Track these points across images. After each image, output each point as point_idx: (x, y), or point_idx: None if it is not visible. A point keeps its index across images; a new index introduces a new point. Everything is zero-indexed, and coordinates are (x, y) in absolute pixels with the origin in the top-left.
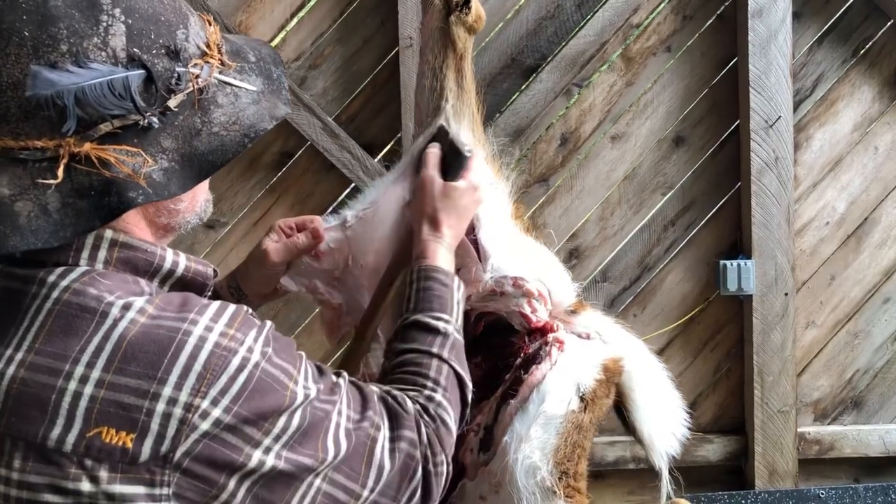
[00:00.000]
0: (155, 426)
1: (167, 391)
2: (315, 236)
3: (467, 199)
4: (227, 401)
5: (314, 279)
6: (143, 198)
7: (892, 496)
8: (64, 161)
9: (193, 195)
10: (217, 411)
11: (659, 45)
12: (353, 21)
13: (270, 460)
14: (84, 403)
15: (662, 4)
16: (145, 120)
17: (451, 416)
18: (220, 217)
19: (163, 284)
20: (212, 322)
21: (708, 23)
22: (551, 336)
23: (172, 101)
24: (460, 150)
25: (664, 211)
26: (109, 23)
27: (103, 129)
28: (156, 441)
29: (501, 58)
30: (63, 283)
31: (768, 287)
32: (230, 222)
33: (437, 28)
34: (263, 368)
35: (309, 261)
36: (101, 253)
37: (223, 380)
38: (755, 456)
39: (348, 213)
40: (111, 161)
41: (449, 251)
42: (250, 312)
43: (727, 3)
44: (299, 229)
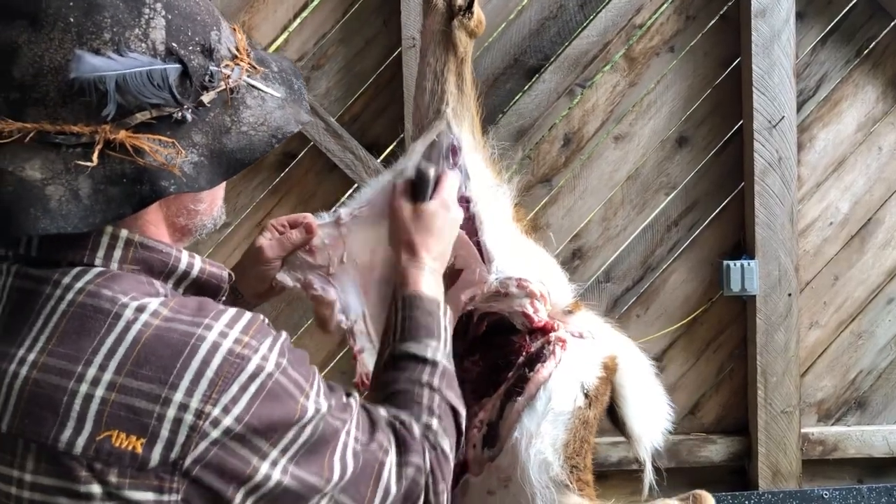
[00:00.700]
0: (165, 432)
1: (178, 396)
2: (308, 231)
3: (441, 220)
4: (238, 410)
5: (309, 275)
6: (174, 187)
7: None
8: (99, 147)
9: (213, 198)
10: (228, 420)
11: (662, 45)
12: (355, 22)
13: (277, 474)
14: (95, 406)
15: (665, 4)
16: (180, 113)
17: (448, 444)
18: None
19: (177, 286)
20: (227, 328)
21: (711, 23)
22: (553, 335)
23: (206, 97)
24: (424, 171)
25: (667, 211)
26: (151, 16)
27: (139, 117)
28: (165, 447)
29: (504, 58)
30: (78, 284)
31: (772, 287)
32: (233, 223)
33: (439, 31)
34: (276, 379)
35: (304, 256)
36: (117, 252)
37: (235, 388)
38: (759, 456)
39: (343, 211)
40: (145, 149)
41: (432, 275)
42: (267, 322)
43: (730, 3)
44: (292, 226)
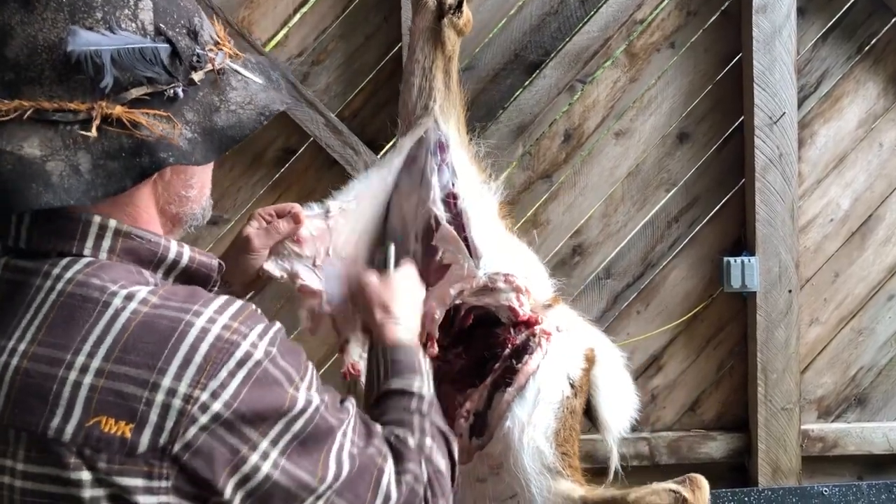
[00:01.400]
0: (154, 417)
1: (167, 381)
2: (296, 221)
3: (408, 283)
4: (227, 395)
5: (295, 265)
6: (173, 158)
7: None
8: (97, 122)
9: (202, 185)
10: (217, 405)
11: (663, 41)
12: (355, 17)
13: (266, 467)
14: (84, 393)
15: (666, 0)
16: (172, 90)
17: (443, 464)
18: (223, 213)
19: (167, 276)
20: (216, 314)
21: (712, 19)
22: (538, 328)
23: (196, 76)
24: (387, 247)
25: (668, 208)
26: None
27: (134, 93)
28: (154, 432)
29: (505, 54)
30: (67, 274)
31: (772, 284)
32: (233, 219)
33: (429, 29)
34: (265, 367)
35: (291, 246)
36: (105, 242)
37: (223, 373)
38: (759, 453)
39: (331, 204)
40: (142, 123)
41: (408, 330)
42: (258, 311)
43: None
44: (279, 216)
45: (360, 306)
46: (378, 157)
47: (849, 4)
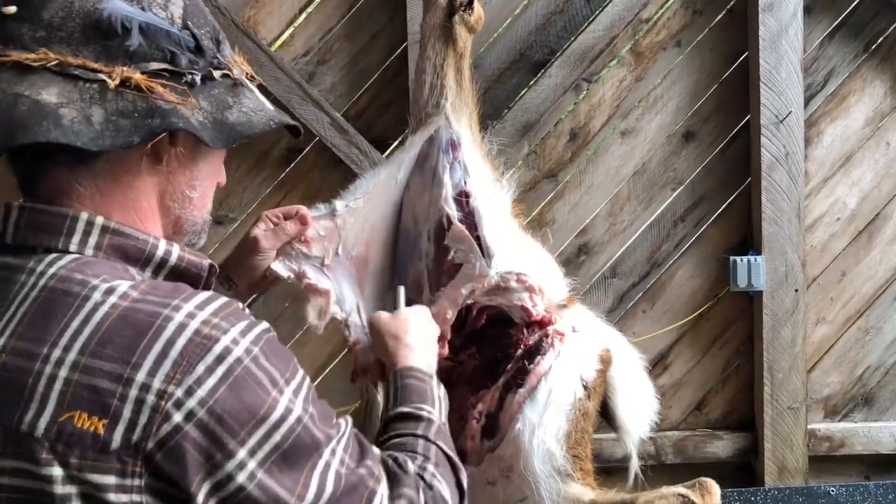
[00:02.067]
0: (127, 413)
1: (140, 376)
2: (303, 223)
3: (420, 319)
4: (202, 392)
5: (303, 266)
6: (183, 123)
7: None
8: (115, 82)
9: (204, 191)
10: (191, 402)
11: (669, 39)
12: (361, 16)
13: (242, 478)
14: (58, 386)
15: None
16: (191, 76)
17: (447, 491)
18: (229, 213)
19: (156, 274)
20: (196, 310)
21: (718, 17)
22: (551, 328)
23: (215, 73)
24: (397, 289)
25: (674, 207)
26: None
27: (155, 66)
28: (127, 428)
29: (510, 53)
30: (50, 270)
31: (778, 283)
32: (238, 218)
33: (440, 27)
34: (246, 366)
35: (299, 247)
36: (92, 239)
37: (200, 368)
38: (765, 453)
39: (338, 203)
40: (158, 90)
41: (420, 358)
42: (244, 308)
43: None
44: (286, 217)
45: (372, 344)
46: (384, 156)
47: (856, 3)
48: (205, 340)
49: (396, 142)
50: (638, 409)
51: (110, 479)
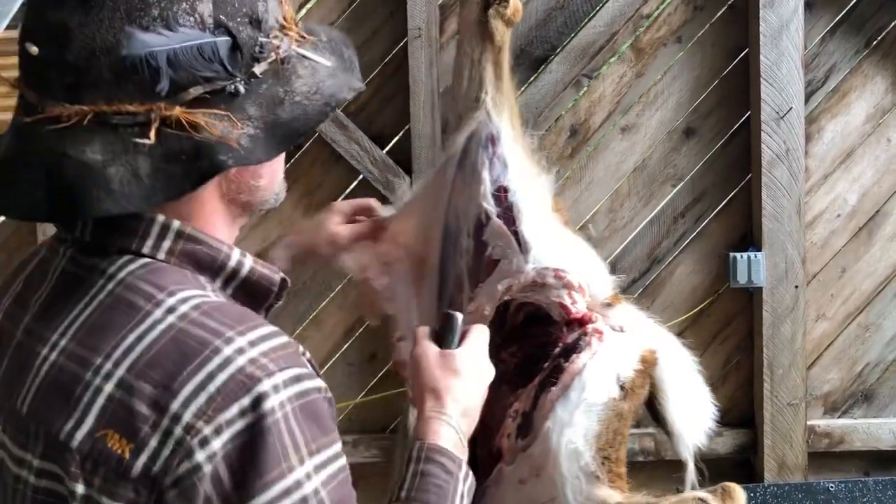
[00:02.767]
0: (153, 442)
1: (175, 406)
2: (377, 224)
3: (470, 367)
4: (227, 435)
5: (368, 262)
6: (233, 160)
7: None
8: (156, 125)
9: (273, 172)
10: (216, 444)
11: (669, 35)
12: (361, 12)
13: None
14: (101, 401)
15: None
16: (233, 85)
17: None
18: None
19: (226, 286)
20: (249, 346)
21: (719, 13)
22: (590, 327)
23: (258, 69)
24: (451, 315)
25: (674, 203)
26: None
27: (193, 93)
28: (150, 458)
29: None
30: (120, 274)
31: (778, 280)
32: None
33: (476, 21)
34: (275, 420)
35: (368, 244)
36: (166, 243)
37: (234, 409)
38: (765, 449)
39: (395, 206)
40: (201, 124)
41: (455, 433)
42: (302, 353)
43: None
44: (358, 213)
45: (411, 379)
46: (383, 152)
47: None
48: (246, 379)
49: (397, 137)
50: (689, 413)
51: None
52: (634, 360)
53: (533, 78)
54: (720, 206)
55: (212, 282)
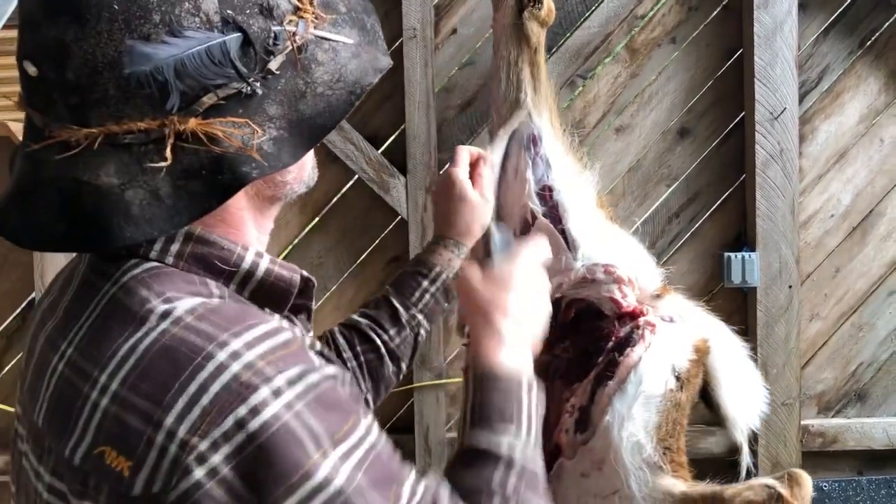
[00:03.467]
0: (151, 459)
1: (168, 421)
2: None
3: (524, 276)
4: (228, 449)
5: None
6: (257, 171)
7: (895, 489)
8: (171, 141)
9: (301, 164)
10: (216, 459)
11: (664, 36)
12: None
13: None
14: (98, 416)
15: None
16: (248, 87)
17: None
18: None
19: (242, 289)
20: (244, 349)
21: (713, 14)
22: (642, 319)
23: (273, 64)
24: (498, 227)
25: (668, 203)
26: None
27: (206, 101)
28: (150, 476)
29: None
30: (123, 279)
31: (772, 279)
32: None
33: (510, 25)
34: (284, 423)
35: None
36: (174, 246)
37: (229, 422)
38: (759, 448)
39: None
40: (219, 136)
41: (515, 352)
42: (306, 348)
43: None
44: (473, 163)
45: (461, 306)
46: (378, 151)
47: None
48: (241, 389)
49: (392, 137)
50: (743, 398)
51: None
52: (688, 350)
53: None
54: (714, 207)
55: (224, 286)
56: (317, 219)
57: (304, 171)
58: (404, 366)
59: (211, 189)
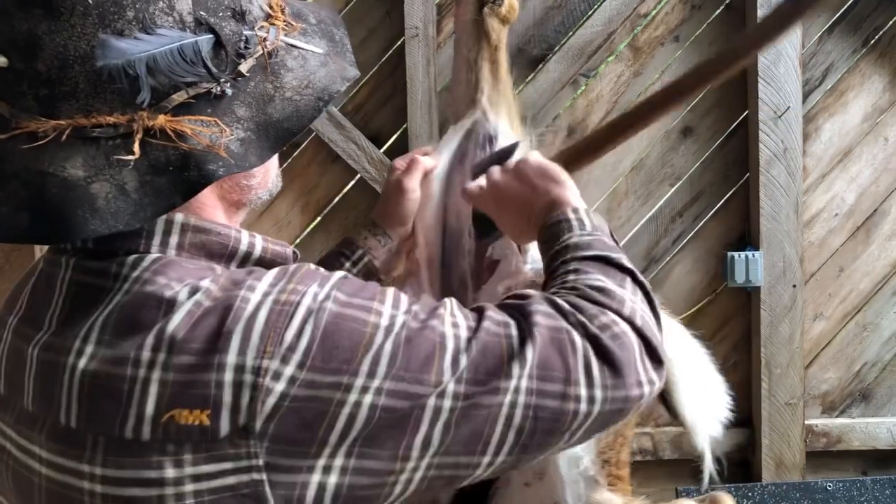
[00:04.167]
0: (227, 398)
1: (231, 359)
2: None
3: (545, 165)
4: (298, 355)
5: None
6: (223, 170)
7: None
8: (139, 136)
9: (266, 170)
10: (290, 369)
11: (667, 34)
12: (358, 11)
13: (368, 400)
14: (153, 389)
15: None
16: (218, 87)
17: (647, 310)
18: None
19: (241, 269)
20: (270, 287)
21: (716, 12)
22: None
23: (244, 66)
24: (512, 144)
25: (672, 202)
26: None
27: (176, 99)
28: (232, 413)
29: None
30: (134, 273)
31: (776, 279)
32: None
33: (471, 21)
34: (332, 311)
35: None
36: (173, 238)
37: (289, 336)
38: (762, 448)
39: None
40: (187, 133)
41: (568, 211)
42: (317, 268)
43: None
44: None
45: (488, 217)
46: (381, 151)
47: None
48: (286, 307)
49: (394, 136)
50: (703, 405)
51: (226, 466)
52: None
53: (530, 77)
54: (718, 206)
55: (226, 268)
56: (319, 218)
57: (269, 178)
58: None
59: (176, 185)
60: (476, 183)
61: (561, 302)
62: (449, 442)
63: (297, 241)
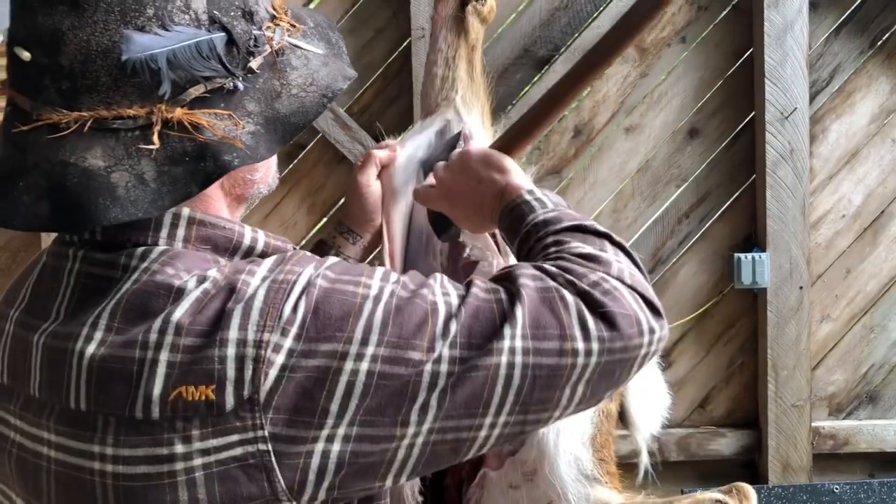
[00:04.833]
0: (231, 372)
1: (233, 334)
2: (392, 150)
3: (478, 157)
4: (295, 327)
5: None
6: (238, 160)
7: None
8: (157, 127)
9: (268, 165)
10: (288, 341)
11: (673, 35)
12: (364, 12)
13: (365, 366)
14: (161, 370)
15: None
16: (231, 82)
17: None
18: None
19: (243, 260)
20: (269, 271)
21: (723, 13)
22: None
23: (254, 63)
24: (455, 137)
25: (678, 203)
26: None
27: (194, 93)
28: (236, 387)
29: (514, 49)
30: (143, 264)
31: (783, 280)
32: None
33: (452, 18)
34: (325, 288)
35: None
36: (180, 231)
37: (286, 310)
38: (769, 450)
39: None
40: (203, 125)
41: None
42: (311, 255)
43: None
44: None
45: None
46: None
47: None
48: (283, 285)
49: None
50: (649, 405)
51: (233, 438)
52: None
53: (537, 78)
54: (724, 207)
55: (230, 261)
56: (325, 219)
57: (270, 173)
58: None
59: (193, 175)
60: (424, 183)
61: (548, 266)
62: (448, 406)
63: (304, 241)
